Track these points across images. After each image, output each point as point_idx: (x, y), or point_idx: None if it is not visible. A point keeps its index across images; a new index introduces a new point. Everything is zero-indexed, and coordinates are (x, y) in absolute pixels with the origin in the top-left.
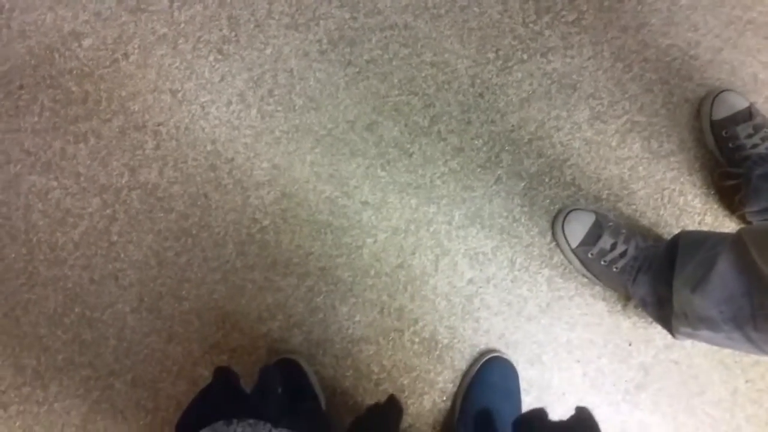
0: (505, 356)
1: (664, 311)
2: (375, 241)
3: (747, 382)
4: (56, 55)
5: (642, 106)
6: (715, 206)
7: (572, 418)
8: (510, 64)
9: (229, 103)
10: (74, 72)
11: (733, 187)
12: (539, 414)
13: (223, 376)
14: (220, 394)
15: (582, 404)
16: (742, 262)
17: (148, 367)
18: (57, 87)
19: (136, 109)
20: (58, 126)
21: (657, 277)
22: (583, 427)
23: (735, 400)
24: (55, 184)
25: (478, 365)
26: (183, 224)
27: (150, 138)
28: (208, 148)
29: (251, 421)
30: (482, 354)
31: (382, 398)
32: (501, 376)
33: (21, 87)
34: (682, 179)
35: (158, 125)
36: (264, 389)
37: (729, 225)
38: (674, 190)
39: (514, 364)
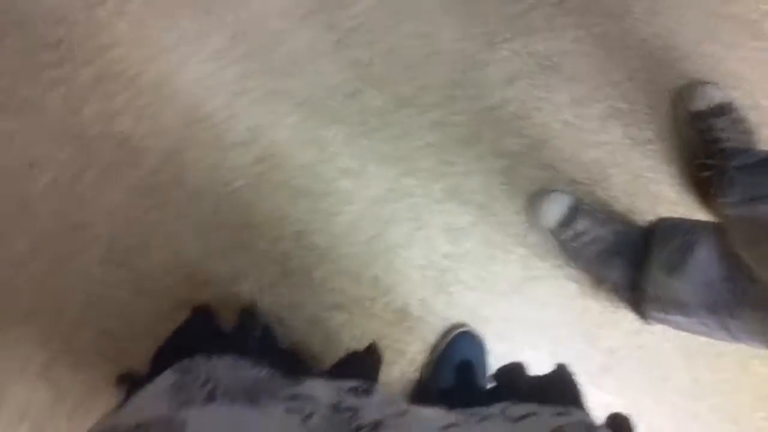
0: (474, 331)
1: (636, 295)
2: (352, 210)
3: (710, 372)
4: None
5: (623, 93)
6: (689, 196)
7: (551, 373)
8: (495, 41)
9: (209, 59)
10: (48, 17)
11: (708, 178)
12: (518, 367)
13: (203, 313)
14: (200, 330)
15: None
16: (723, 249)
17: (114, 320)
18: (29, 31)
19: (112, 58)
20: (28, 71)
21: (631, 262)
22: (562, 382)
23: (698, 389)
24: (23, 129)
25: (449, 338)
26: (156, 179)
27: (125, 89)
28: (185, 103)
29: (232, 357)
30: (453, 328)
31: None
32: (470, 350)
33: None
34: (658, 168)
35: (134, 76)
36: (244, 328)
37: (702, 216)
38: (650, 177)
39: (484, 340)
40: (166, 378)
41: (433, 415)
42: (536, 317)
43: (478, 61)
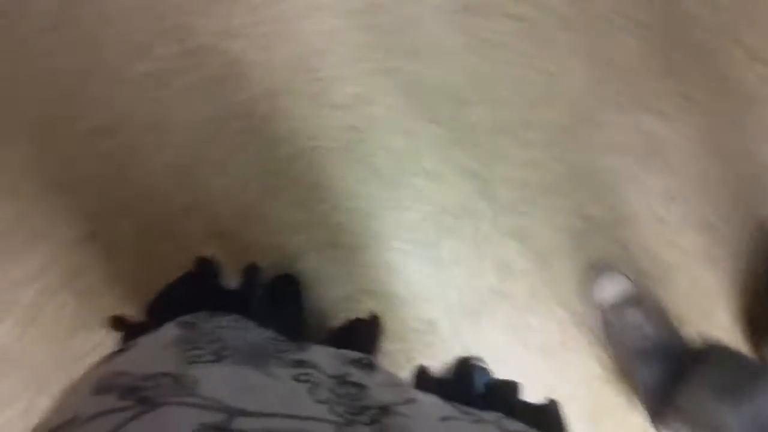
0: (488, 368)
1: (661, 401)
2: (419, 210)
3: None
4: None
5: (715, 205)
6: (740, 331)
7: (543, 405)
8: (616, 106)
9: (341, 16)
10: None
11: (763, 318)
12: (513, 388)
13: (207, 267)
14: (202, 285)
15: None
16: None
17: (160, 224)
18: None
19: None
20: None
21: (668, 370)
22: (553, 416)
23: None
24: (143, 11)
25: (460, 367)
26: (249, 108)
27: (248, 14)
28: (301, 49)
29: (235, 316)
30: (469, 359)
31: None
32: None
33: None
34: (722, 290)
35: (260, 5)
36: (248, 287)
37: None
38: (711, 296)
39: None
40: (170, 331)
41: (433, 403)
42: (552, 383)
43: (592, 118)
